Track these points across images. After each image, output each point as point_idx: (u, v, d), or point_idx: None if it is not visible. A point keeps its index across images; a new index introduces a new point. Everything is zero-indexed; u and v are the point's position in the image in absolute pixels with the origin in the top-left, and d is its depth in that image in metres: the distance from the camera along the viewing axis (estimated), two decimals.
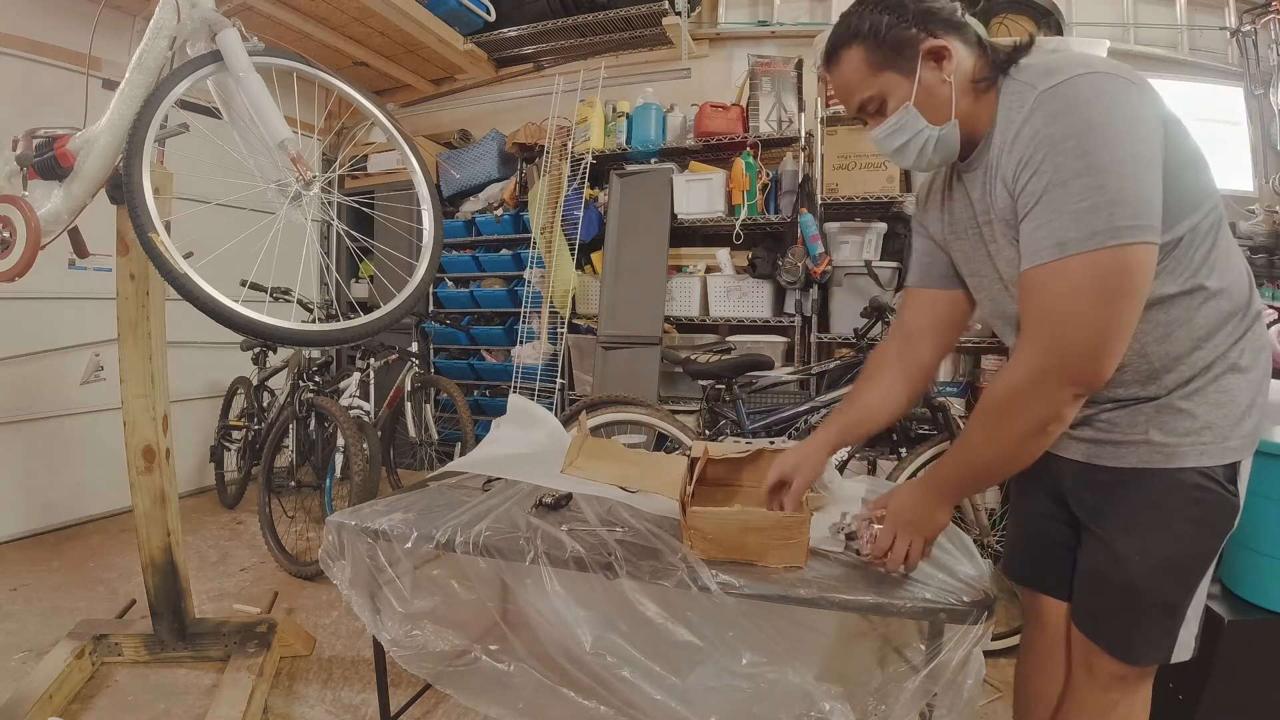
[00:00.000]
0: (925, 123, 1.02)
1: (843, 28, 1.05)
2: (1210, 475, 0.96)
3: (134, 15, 2.94)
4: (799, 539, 1.21)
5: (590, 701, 1.31)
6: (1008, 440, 0.97)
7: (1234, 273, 0.99)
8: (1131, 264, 0.86)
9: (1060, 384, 0.91)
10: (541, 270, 3.79)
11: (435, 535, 1.41)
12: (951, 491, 1.10)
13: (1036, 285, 0.91)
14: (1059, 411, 0.93)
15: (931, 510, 1.10)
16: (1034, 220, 0.90)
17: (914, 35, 1.00)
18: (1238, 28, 3.34)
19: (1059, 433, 0.96)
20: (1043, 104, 0.90)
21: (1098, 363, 0.89)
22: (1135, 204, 0.84)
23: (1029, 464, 0.99)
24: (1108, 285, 0.86)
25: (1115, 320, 0.87)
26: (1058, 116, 0.88)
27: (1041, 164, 0.89)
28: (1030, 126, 0.91)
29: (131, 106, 1.49)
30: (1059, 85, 0.89)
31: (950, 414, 2.23)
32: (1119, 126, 0.86)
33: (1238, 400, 0.96)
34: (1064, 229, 0.86)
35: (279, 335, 1.42)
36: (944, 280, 1.23)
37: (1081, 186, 0.85)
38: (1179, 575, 0.99)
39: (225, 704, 1.68)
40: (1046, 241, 0.88)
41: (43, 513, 3.21)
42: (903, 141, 1.05)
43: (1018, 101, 0.95)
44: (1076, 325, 0.88)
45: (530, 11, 3.85)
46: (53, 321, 3.20)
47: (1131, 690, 1.06)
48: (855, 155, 3.25)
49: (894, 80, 1.02)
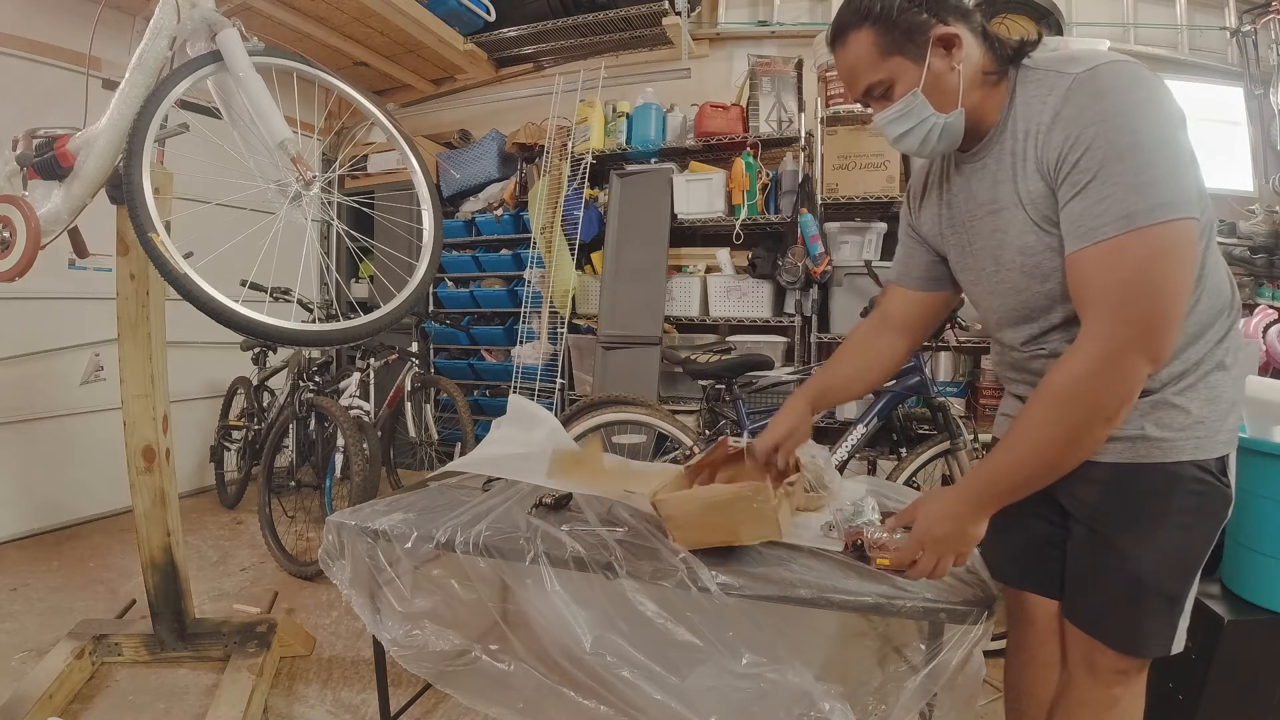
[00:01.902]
0: (932, 110, 1.01)
1: (852, 8, 1.02)
2: (1205, 468, 0.98)
3: (134, 15, 2.94)
4: (762, 508, 1.19)
5: (590, 701, 1.30)
6: (1081, 428, 0.92)
7: (1221, 271, 1.01)
8: (1189, 237, 0.87)
9: (1139, 358, 0.88)
10: (541, 270, 3.79)
11: (435, 535, 1.41)
12: (996, 498, 1.01)
13: (1099, 260, 0.89)
14: (1134, 389, 0.90)
15: (967, 523, 1.02)
16: (1089, 197, 0.89)
17: (925, 21, 0.99)
18: (1238, 28, 3.34)
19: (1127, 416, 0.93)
20: (1083, 85, 0.90)
21: (1170, 334, 0.88)
22: (1180, 182, 0.86)
23: (1087, 457, 0.95)
24: (1171, 256, 0.86)
25: (1181, 290, 0.87)
26: (1099, 98, 0.88)
27: (1094, 141, 0.88)
28: (1071, 107, 0.91)
29: (131, 106, 1.49)
30: (1096, 69, 0.90)
31: (950, 414, 2.23)
32: (1156, 110, 0.87)
33: (1224, 396, 0.98)
34: (1125, 202, 0.86)
35: (279, 335, 1.42)
36: (921, 282, 1.27)
37: (1136, 162, 0.86)
38: (1180, 567, 1.00)
39: (225, 704, 1.68)
40: (1108, 216, 0.87)
41: (43, 513, 3.21)
42: (908, 128, 1.03)
43: (1045, 89, 0.95)
44: (1152, 296, 0.87)
45: (530, 11, 3.85)
46: (53, 321, 3.20)
47: (1132, 683, 1.07)
48: (855, 155, 3.25)
49: (903, 65, 1.01)
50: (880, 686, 1.20)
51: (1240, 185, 3.33)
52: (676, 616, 1.23)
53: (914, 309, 1.30)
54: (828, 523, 1.36)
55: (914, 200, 1.26)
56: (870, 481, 1.76)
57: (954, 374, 3.20)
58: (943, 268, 1.25)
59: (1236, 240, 2.98)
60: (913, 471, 2.23)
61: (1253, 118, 3.35)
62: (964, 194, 1.11)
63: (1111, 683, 1.06)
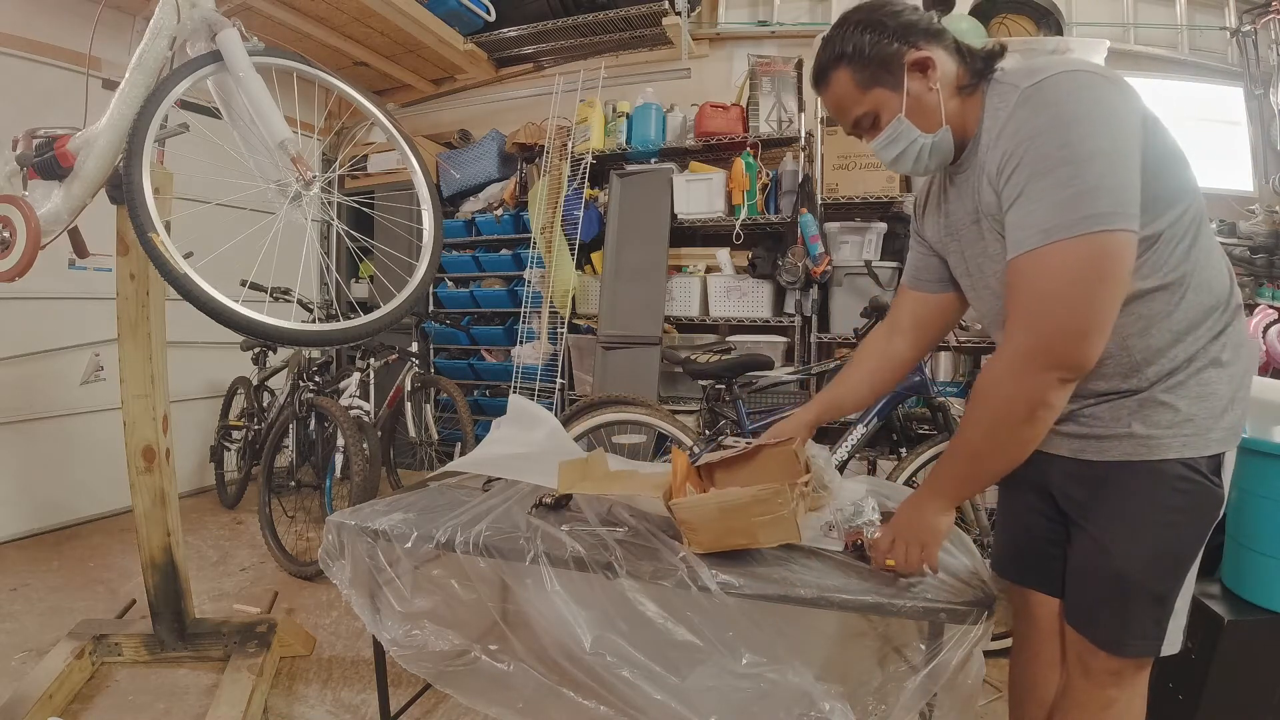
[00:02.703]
0: (918, 132, 1.06)
1: (827, 52, 1.09)
2: (1193, 466, 0.98)
3: (134, 15, 2.94)
4: (781, 511, 1.19)
5: (590, 701, 1.30)
6: (999, 430, 0.98)
7: (1215, 268, 1.00)
8: (1112, 250, 0.87)
9: (1044, 366, 0.92)
10: (541, 270, 3.79)
11: (435, 535, 1.41)
12: (948, 493, 1.10)
13: (1021, 272, 0.93)
14: (1045, 396, 0.93)
15: (928, 515, 1.11)
16: (1018, 210, 0.93)
17: (897, 50, 1.04)
18: (1238, 28, 3.34)
19: (1050, 420, 0.97)
20: (1025, 100, 0.93)
21: (1081, 344, 0.90)
22: (1114, 193, 0.87)
23: (1023, 456, 1.00)
24: (1089, 269, 0.88)
25: (1097, 303, 0.89)
26: (1038, 111, 0.91)
27: (1024, 156, 0.91)
28: (1014, 122, 0.94)
29: (131, 106, 1.49)
30: (1040, 82, 0.92)
31: (950, 414, 2.23)
32: (1097, 120, 0.88)
33: (1219, 393, 0.98)
34: (1047, 216, 0.89)
35: (279, 335, 1.42)
36: (933, 284, 1.29)
37: (1063, 176, 0.88)
38: (1167, 566, 1.01)
39: (225, 704, 1.68)
40: (1031, 229, 0.91)
41: (43, 513, 3.21)
42: (899, 151, 1.08)
43: (1002, 101, 0.98)
44: (1058, 307, 0.90)
45: (530, 11, 3.85)
46: (53, 321, 3.20)
47: (1128, 685, 1.06)
48: (855, 155, 3.25)
49: (883, 95, 1.06)
50: (880, 686, 1.20)
51: (1240, 185, 3.33)
52: (676, 616, 1.23)
53: (926, 310, 1.32)
54: (828, 523, 1.36)
55: (919, 209, 1.30)
56: (870, 481, 1.76)
57: (954, 374, 3.20)
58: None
59: (1236, 240, 2.98)
60: (913, 471, 2.22)
61: (1253, 118, 3.34)
62: (957, 204, 1.15)
63: (1105, 684, 1.06)
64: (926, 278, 1.29)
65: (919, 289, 1.31)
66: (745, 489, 1.23)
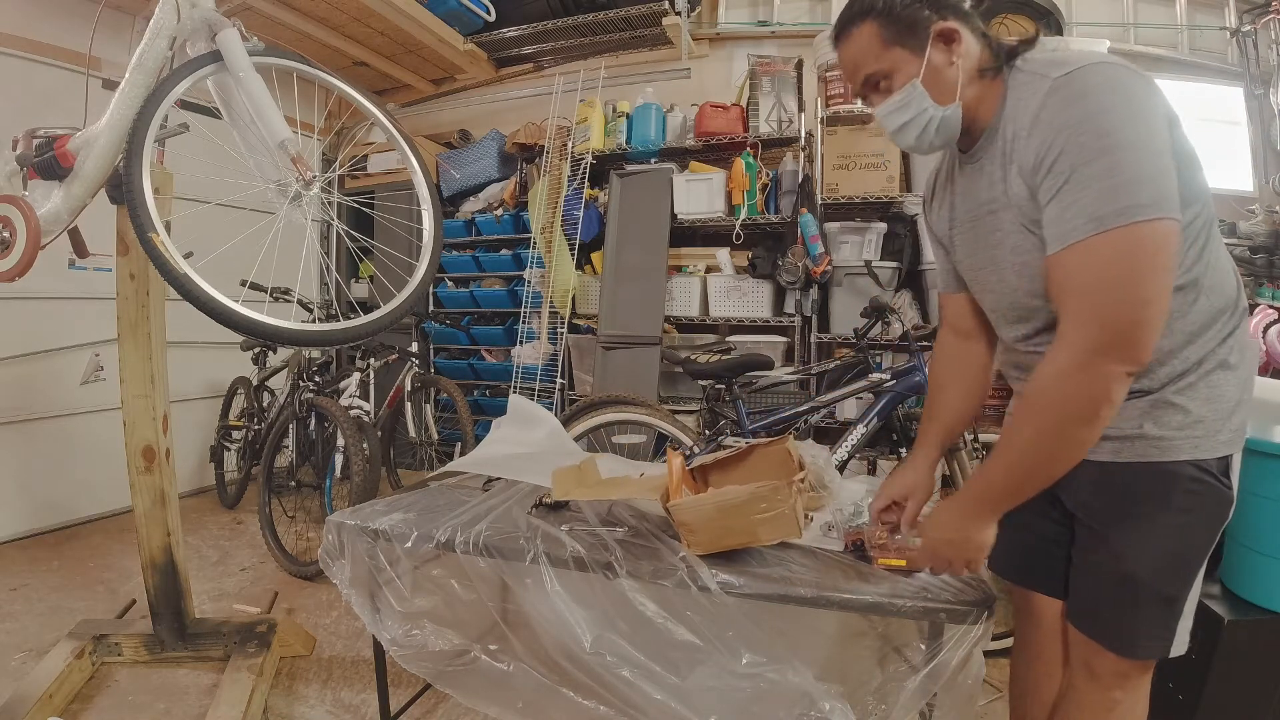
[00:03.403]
0: (931, 102, 1.03)
1: (857, 4, 1.05)
2: (1203, 467, 0.97)
3: (134, 15, 2.93)
4: (782, 507, 1.19)
5: (590, 701, 1.30)
6: (1059, 432, 0.94)
7: (1223, 271, 1.00)
8: (1160, 239, 0.86)
9: (1109, 359, 0.88)
10: (541, 270, 3.79)
11: (435, 535, 1.41)
12: (996, 503, 1.03)
13: (1072, 264, 0.90)
14: (1109, 391, 0.90)
15: (973, 530, 1.05)
16: (1063, 200, 0.90)
17: (926, 16, 1.01)
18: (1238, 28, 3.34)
19: (1110, 418, 0.93)
20: (1057, 90, 0.91)
21: (1142, 335, 0.88)
22: (1156, 183, 0.86)
23: (1078, 460, 0.96)
24: (1144, 258, 0.86)
25: (1154, 292, 0.87)
26: (1073, 101, 0.90)
27: (1066, 146, 0.89)
28: (1048, 111, 0.92)
29: (131, 106, 1.49)
30: (1071, 73, 0.91)
31: None
32: (1131, 113, 0.87)
33: (1227, 396, 0.98)
34: (1095, 205, 0.87)
35: (279, 335, 1.42)
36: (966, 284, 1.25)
37: (1107, 165, 0.86)
38: (1177, 567, 1.00)
39: (225, 704, 1.68)
40: (1079, 219, 0.88)
41: (43, 513, 3.21)
42: (907, 119, 1.05)
43: (1029, 91, 0.96)
44: (1120, 298, 0.87)
45: (530, 11, 3.85)
46: (53, 321, 3.20)
47: (1133, 687, 1.06)
48: (855, 155, 3.25)
49: (903, 57, 1.03)
50: (880, 686, 1.20)
51: (1240, 185, 3.33)
52: (676, 616, 1.23)
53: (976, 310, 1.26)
54: (828, 523, 1.36)
55: (927, 204, 1.28)
56: (870, 481, 1.76)
57: None
58: None
59: (1236, 240, 2.98)
60: None
61: (1253, 118, 3.35)
62: (967, 195, 1.12)
63: (1110, 685, 1.06)
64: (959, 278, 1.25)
65: (959, 291, 1.26)
66: (743, 487, 1.23)
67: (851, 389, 2.40)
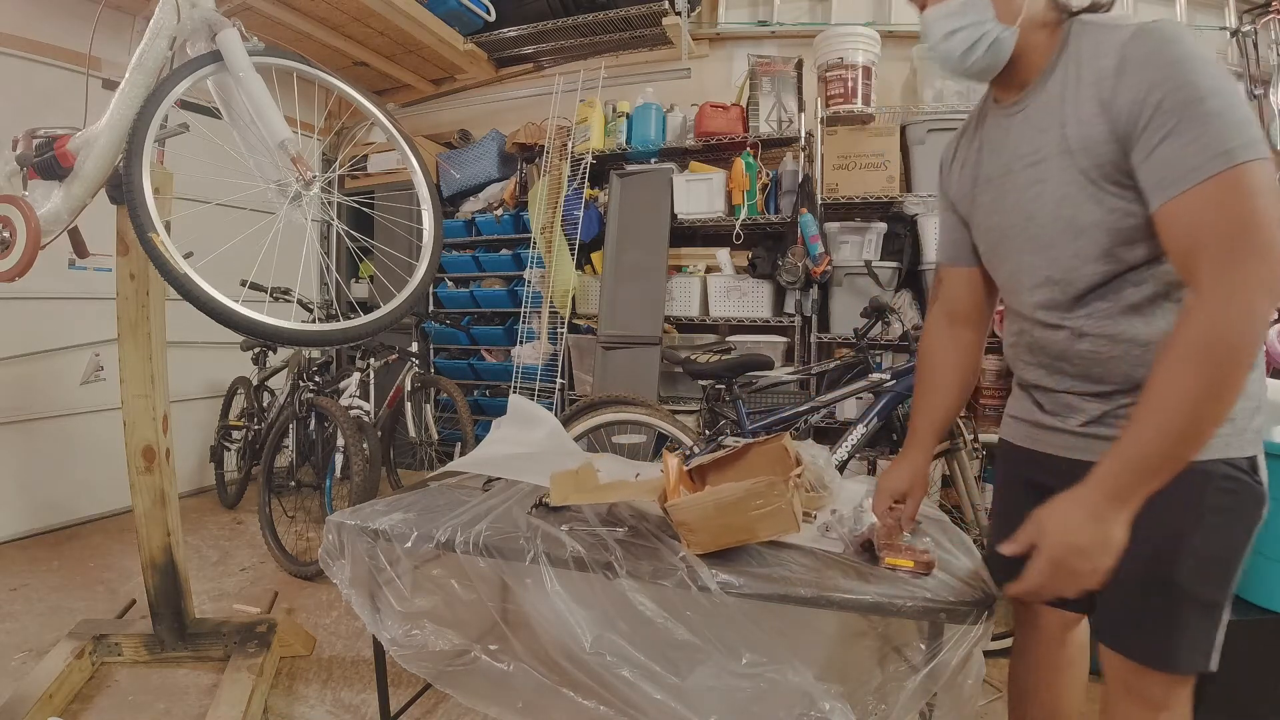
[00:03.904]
0: (992, 15, 0.97)
1: None
2: (1236, 465, 0.94)
3: (134, 15, 2.93)
4: (779, 503, 1.18)
5: (590, 701, 1.30)
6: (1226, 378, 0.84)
7: None
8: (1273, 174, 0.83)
9: (1266, 294, 0.81)
10: (541, 270, 3.79)
11: (435, 535, 1.41)
12: (1143, 480, 0.87)
13: (1207, 201, 0.83)
14: (1266, 328, 0.84)
15: (1112, 525, 0.87)
16: (1183, 137, 0.85)
17: None
18: (1238, 28, 3.34)
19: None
20: (1145, 34, 0.88)
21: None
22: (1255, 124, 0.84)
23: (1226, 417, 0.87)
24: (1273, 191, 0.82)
25: None
26: (1168, 43, 0.87)
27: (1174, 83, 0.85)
28: (1142, 52, 0.88)
29: (131, 106, 1.49)
30: (1154, 22, 0.89)
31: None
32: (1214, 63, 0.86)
33: (1251, 394, 0.95)
34: (1224, 139, 0.82)
35: (279, 335, 1.42)
36: (977, 255, 1.20)
37: (1220, 104, 0.83)
38: (1218, 570, 0.95)
39: (225, 704, 1.68)
40: (1205, 154, 0.83)
41: (43, 513, 3.21)
42: (959, 26, 0.98)
43: (1103, 35, 0.93)
44: (1264, 229, 0.81)
45: (530, 11, 3.85)
46: (53, 321, 3.20)
47: (1176, 704, 0.99)
48: (855, 155, 3.25)
49: None
50: (880, 686, 1.20)
51: None
52: (676, 616, 1.23)
53: (979, 284, 1.22)
54: (826, 523, 1.36)
55: (945, 167, 1.23)
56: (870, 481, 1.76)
57: None
58: None
59: None
60: None
61: None
62: (1001, 148, 1.07)
63: (1154, 704, 0.99)
64: (968, 248, 1.20)
65: (964, 264, 1.21)
66: (740, 483, 1.23)
67: (851, 389, 2.40)
